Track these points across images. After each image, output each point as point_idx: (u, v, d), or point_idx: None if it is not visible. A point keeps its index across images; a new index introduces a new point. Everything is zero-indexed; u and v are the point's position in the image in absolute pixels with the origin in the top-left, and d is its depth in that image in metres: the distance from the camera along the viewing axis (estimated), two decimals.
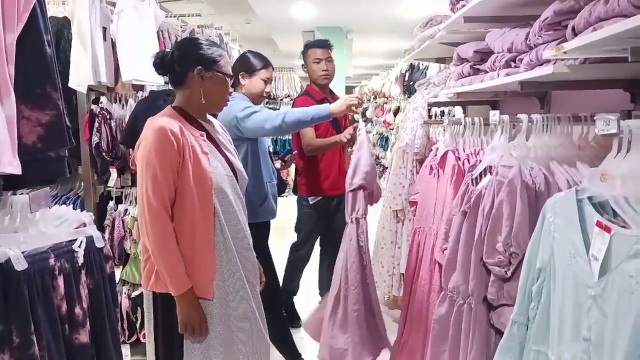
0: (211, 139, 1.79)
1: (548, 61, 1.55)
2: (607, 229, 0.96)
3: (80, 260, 1.19)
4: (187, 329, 1.65)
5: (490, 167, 1.68)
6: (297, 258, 3.37)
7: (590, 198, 1.08)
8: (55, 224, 1.23)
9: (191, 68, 1.70)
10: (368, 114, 9.90)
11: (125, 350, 2.73)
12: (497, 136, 1.65)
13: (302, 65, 3.31)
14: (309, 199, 3.17)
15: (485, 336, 1.51)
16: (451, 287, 1.65)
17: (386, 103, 8.38)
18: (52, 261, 1.10)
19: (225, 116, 2.32)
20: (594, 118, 1.00)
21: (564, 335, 1.09)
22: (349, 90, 11.48)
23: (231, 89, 1.89)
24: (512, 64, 1.89)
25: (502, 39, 1.97)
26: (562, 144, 1.60)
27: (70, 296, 1.15)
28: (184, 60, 1.71)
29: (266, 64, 2.59)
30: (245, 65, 2.56)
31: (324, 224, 3.22)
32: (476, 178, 1.74)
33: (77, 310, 1.17)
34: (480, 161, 1.76)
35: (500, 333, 1.46)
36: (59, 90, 1.28)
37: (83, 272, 1.21)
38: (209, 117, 1.87)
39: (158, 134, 1.59)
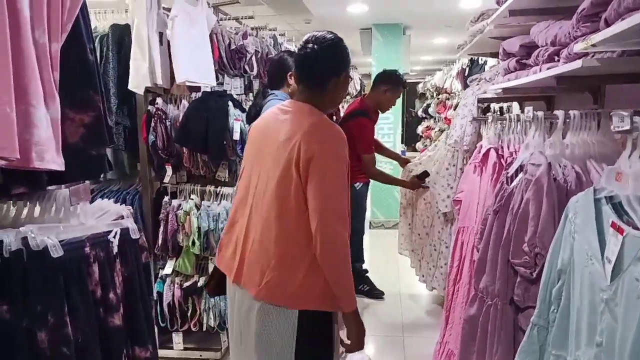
0: None
1: (586, 54, 1.48)
2: (620, 230, 0.92)
3: (115, 249, 1.29)
4: (360, 344, 1.58)
5: (523, 165, 1.63)
6: (357, 241, 3.61)
7: (611, 197, 1.03)
8: (95, 216, 1.35)
9: (339, 73, 1.62)
10: (430, 110, 9.72)
11: (178, 338, 2.89)
12: (532, 133, 1.60)
13: (384, 89, 3.60)
14: (355, 185, 3.58)
15: (510, 338, 1.47)
16: (481, 288, 1.62)
17: (448, 99, 8.19)
18: (87, 249, 1.21)
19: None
20: (610, 114, 0.95)
21: (581, 340, 1.05)
22: (410, 87, 11.29)
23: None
24: (556, 58, 1.82)
25: (546, 32, 1.90)
26: (603, 141, 1.52)
27: (105, 282, 1.26)
28: (331, 65, 1.62)
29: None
30: (291, 67, 2.63)
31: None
32: (511, 176, 1.69)
33: (111, 295, 1.27)
34: (516, 159, 1.71)
35: None
36: (100, 94, 1.39)
37: (117, 260, 1.31)
38: None
39: (342, 139, 1.55)
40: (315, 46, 1.58)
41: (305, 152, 1.48)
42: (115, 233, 1.30)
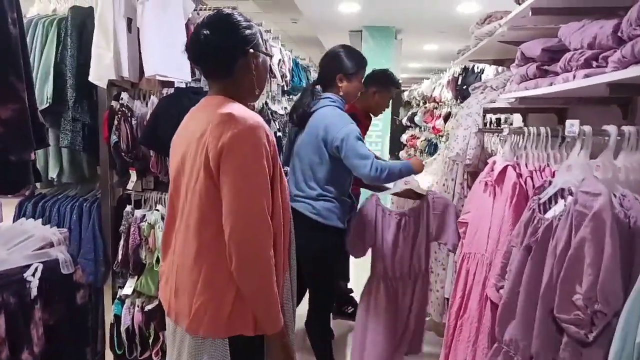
0: None
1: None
2: None
3: (34, 291, 0.95)
4: None
5: (563, 190, 1.34)
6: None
7: None
8: (10, 244, 1.00)
9: (241, 52, 1.39)
10: (417, 119, 9.50)
11: None
12: (576, 152, 1.30)
13: (372, 91, 3.10)
14: None
15: None
16: (507, 340, 1.32)
17: (436, 108, 7.96)
18: None
19: (329, 121, 2.27)
20: None
21: None
22: (397, 94, 11.07)
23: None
24: (594, 63, 1.54)
25: (581, 33, 1.61)
26: None
27: (16, 338, 0.91)
28: (229, 43, 1.38)
29: (365, 64, 2.47)
30: (344, 68, 2.38)
31: None
32: (544, 203, 1.40)
33: (25, 356, 0.93)
34: (550, 182, 1.41)
35: None
36: (27, 81, 1.05)
37: (37, 306, 0.96)
38: None
39: (260, 129, 1.29)
40: (207, 30, 1.37)
41: (215, 147, 1.26)
42: (36, 269, 0.96)
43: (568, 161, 1.32)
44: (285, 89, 4.66)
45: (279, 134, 4.14)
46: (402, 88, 12.58)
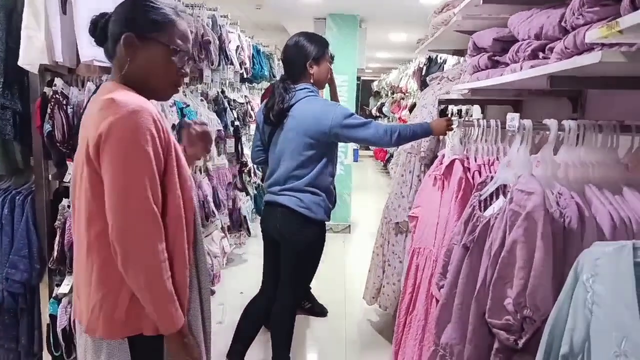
0: None
1: (592, 48, 1.14)
2: None
3: None
4: None
5: (505, 186, 1.28)
6: None
7: None
8: None
9: (126, 29, 1.24)
10: (384, 109, 9.48)
11: None
12: (515, 147, 1.24)
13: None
14: None
15: None
16: (444, 343, 1.26)
17: (403, 99, 7.95)
18: None
19: (317, 112, 2.22)
20: None
21: None
22: (365, 84, 11.01)
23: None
24: (541, 54, 1.48)
25: (528, 23, 1.56)
26: (604, 162, 1.18)
27: None
28: (116, 23, 1.26)
29: (327, 43, 2.41)
30: (311, 53, 2.31)
31: None
32: (485, 200, 1.34)
33: None
34: (492, 178, 1.35)
35: None
36: None
37: None
38: None
39: (140, 119, 1.16)
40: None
41: (94, 137, 1.15)
42: None
43: (508, 157, 1.26)
44: (246, 76, 4.52)
45: (236, 123, 4.02)
46: (371, 78, 12.53)
